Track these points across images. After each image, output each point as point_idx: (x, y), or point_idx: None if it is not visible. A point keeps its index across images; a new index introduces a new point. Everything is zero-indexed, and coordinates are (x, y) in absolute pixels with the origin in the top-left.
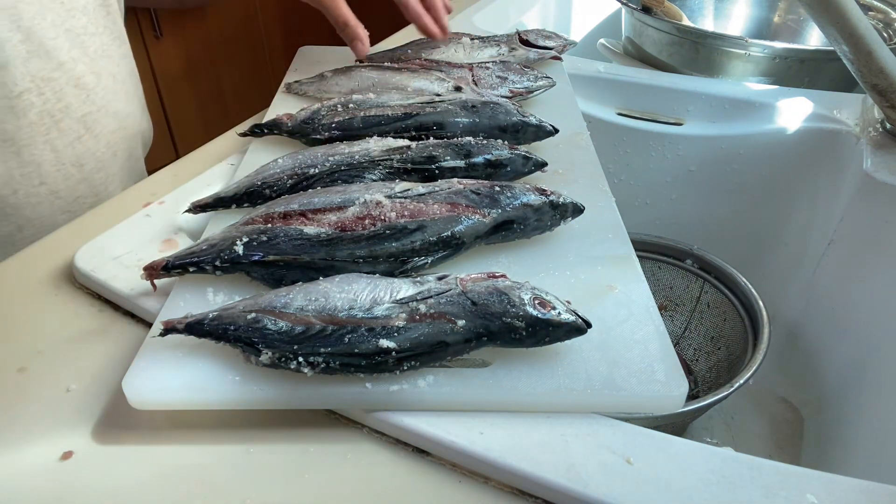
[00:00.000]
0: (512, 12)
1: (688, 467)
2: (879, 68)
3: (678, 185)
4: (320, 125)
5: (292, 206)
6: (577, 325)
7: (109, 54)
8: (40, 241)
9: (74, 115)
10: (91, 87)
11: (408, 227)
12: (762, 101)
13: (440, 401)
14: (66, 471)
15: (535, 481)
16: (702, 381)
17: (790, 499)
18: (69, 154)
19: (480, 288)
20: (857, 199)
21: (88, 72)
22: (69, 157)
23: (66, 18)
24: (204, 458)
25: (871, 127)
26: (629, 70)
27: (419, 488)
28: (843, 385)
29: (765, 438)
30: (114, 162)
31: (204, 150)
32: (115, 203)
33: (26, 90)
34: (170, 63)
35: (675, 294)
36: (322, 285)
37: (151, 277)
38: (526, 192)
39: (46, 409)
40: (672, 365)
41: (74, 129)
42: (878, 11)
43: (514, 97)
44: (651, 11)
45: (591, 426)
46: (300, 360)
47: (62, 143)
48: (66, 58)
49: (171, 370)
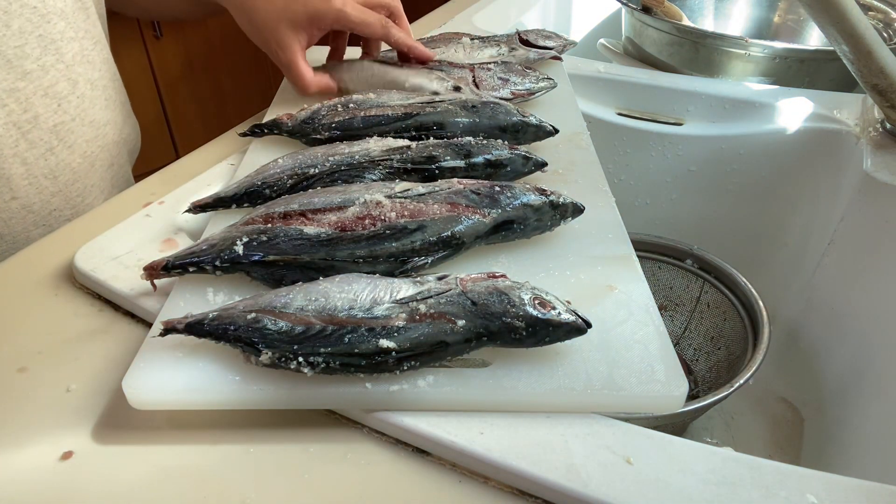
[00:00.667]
0: (512, 12)
1: (688, 467)
2: (879, 68)
3: (678, 185)
4: (320, 125)
5: (292, 206)
6: (577, 325)
7: (90, 59)
8: (40, 242)
9: (45, 126)
10: (64, 95)
11: (408, 227)
12: (762, 101)
13: (440, 401)
14: (66, 471)
15: (535, 481)
16: (702, 381)
17: (790, 499)
18: (41, 166)
19: (480, 288)
20: (857, 199)
21: (62, 79)
22: (41, 169)
23: (40, 24)
24: (204, 458)
25: (871, 127)
26: (629, 70)
27: (419, 488)
28: (843, 385)
29: (765, 438)
30: (92, 173)
31: (204, 150)
32: (115, 203)
33: None
34: (170, 63)
35: (675, 294)
36: (322, 285)
37: (151, 277)
38: (526, 192)
39: (46, 409)
40: (672, 365)
41: (45, 139)
42: (878, 11)
43: (516, 99)
44: (651, 11)
45: (591, 426)
46: (300, 360)
47: (32, 156)
48: (34, 66)
49: (171, 370)
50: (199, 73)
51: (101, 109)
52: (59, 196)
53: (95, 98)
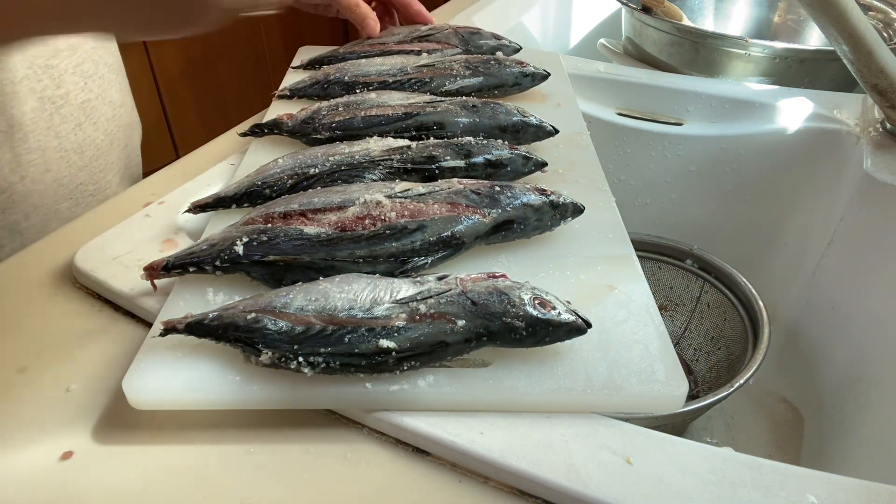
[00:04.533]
0: (512, 12)
1: (688, 467)
2: (879, 68)
3: (678, 185)
4: (320, 125)
5: (292, 206)
6: (577, 325)
7: (105, 45)
8: (40, 241)
9: (74, 102)
10: (89, 74)
11: (408, 227)
12: (762, 101)
13: (440, 401)
14: (66, 471)
15: (535, 481)
16: (702, 381)
17: (790, 499)
18: (71, 141)
19: (480, 288)
20: (857, 199)
21: (87, 59)
22: (71, 143)
23: None
24: (204, 458)
25: (871, 127)
26: (629, 70)
27: (419, 488)
28: (843, 385)
29: (765, 438)
30: (111, 151)
31: (204, 150)
32: (115, 203)
33: (25, 76)
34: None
35: (675, 294)
36: (322, 285)
37: (151, 277)
38: (526, 192)
39: (46, 409)
40: (672, 365)
41: (75, 115)
42: (878, 11)
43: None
44: (651, 11)
45: (591, 426)
46: (300, 360)
47: (64, 130)
48: (65, 45)
49: (171, 370)
50: (199, 73)
51: (117, 91)
52: (85, 171)
53: (112, 80)
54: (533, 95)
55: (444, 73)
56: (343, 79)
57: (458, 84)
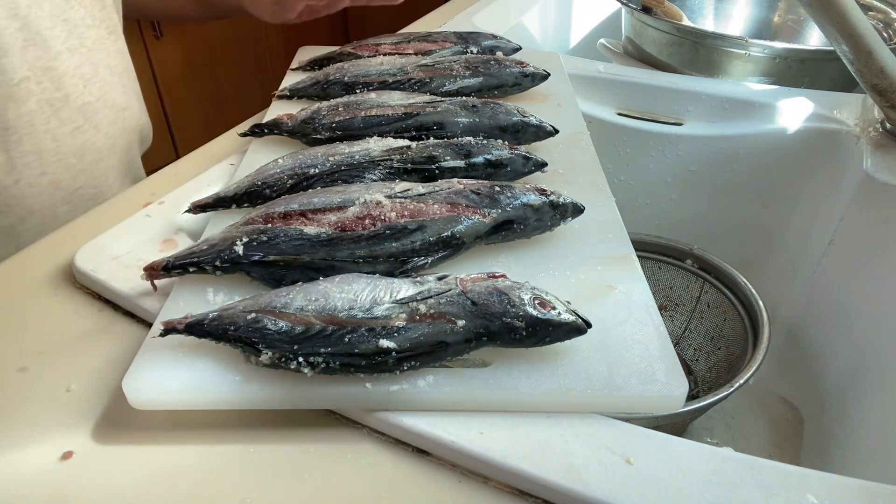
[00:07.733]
0: (512, 12)
1: (688, 467)
2: (879, 68)
3: (678, 185)
4: (320, 125)
5: (292, 206)
6: (577, 325)
7: (105, 47)
8: (40, 242)
9: (74, 105)
10: (88, 77)
11: (408, 227)
12: (762, 101)
13: (440, 401)
14: (66, 471)
15: (535, 481)
16: (702, 381)
17: (790, 499)
18: (69, 144)
19: (480, 288)
20: (857, 199)
21: (86, 62)
22: (70, 146)
23: (65, 9)
24: (204, 458)
25: (871, 127)
26: (629, 70)
27: (419, 488)
28: (843, 385)
29: (765, 438)
30: (112, 155)
31: (204, 150)
32: (115, 203)
33: (24, 78)
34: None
35: (675, 294)
36: (322, 285)
37: (151, 277)
38: (526, 192)
39: (46, 409)
40: (672, 365)
41: (74, 118)
42: (878, 11)
43: None
44: (651, 11)
45: (591, 426)
46: (300, 360)
47: (62, 133)
48: (63, 48)
49: (171, 370)
50: (199, 73)
51: (120, 94)
52: (84, 174)
53: (114, 83)
54: (533, 95)
55: (443, 73)
56: (343, 79)
57: (458, 84)
